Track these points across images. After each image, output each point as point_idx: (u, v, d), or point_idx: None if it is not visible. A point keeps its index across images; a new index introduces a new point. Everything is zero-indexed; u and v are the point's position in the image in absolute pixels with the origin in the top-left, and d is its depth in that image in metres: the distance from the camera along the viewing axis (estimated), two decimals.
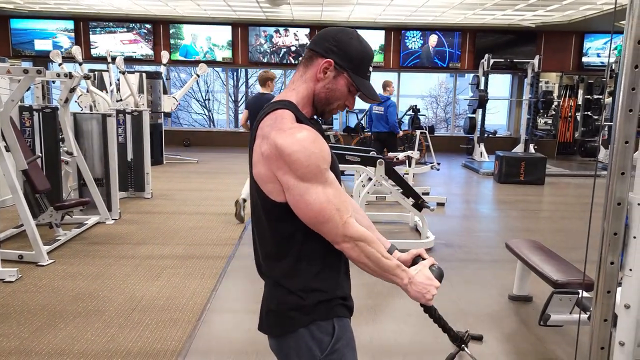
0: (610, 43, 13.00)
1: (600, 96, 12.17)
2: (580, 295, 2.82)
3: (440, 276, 1.52)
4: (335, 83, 1.45)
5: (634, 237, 1.72)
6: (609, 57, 12.66)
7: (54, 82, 8.69)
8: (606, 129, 11.89)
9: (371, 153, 5.85)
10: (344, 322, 1.52)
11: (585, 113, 12.64)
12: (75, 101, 8.64)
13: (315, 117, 1.54)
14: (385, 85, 8.44)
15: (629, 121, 1.57)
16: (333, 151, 1.48)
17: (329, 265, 1.48)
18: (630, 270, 1.76)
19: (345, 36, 1.46)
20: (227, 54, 13.60)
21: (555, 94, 13.45)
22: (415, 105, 12.88)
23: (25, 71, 4.71)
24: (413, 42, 13.52)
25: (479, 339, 3.34)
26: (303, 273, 1.46)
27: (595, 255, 1.72)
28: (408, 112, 13.05)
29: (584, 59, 13.59)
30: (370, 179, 5.60)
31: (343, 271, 1.55)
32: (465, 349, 1.62)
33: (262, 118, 1.43)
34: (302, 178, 1.34)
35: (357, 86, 1.46)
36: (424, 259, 1.57)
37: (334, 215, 1.36)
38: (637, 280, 1.77)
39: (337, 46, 1.44)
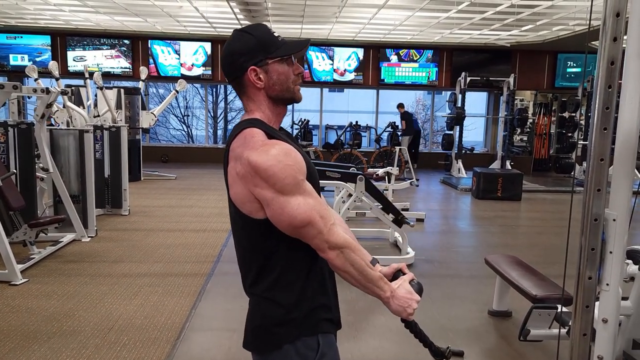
0: (585, 64, 13.35)
1: (574, 114, 12.48)
2: (560, 310, 2.85)
3: (420, 291, 1.52)
4: (273, 73, 1.46)
5: (610, 252, 1.75)
6: (583, 77, 13.01)
7: (29, 97, 8.56)
8: (579, 146, 12.20)
9: (351, 169, 5.88)
10: (329, 337, 1.52)
11: (559, 130, 12.94)
12: (51, 116, 8.51)
13: (283, 127, 1.56)
14: None
15: (604, 139, 1.62)
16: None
17: (313, 279, 1.48)
18: (608, 284, 1.79)
19: (235, 43, 1.47)
20: (207, 70, 13.60)
21: (530, 112, 13.75)
22: (394, 122, 13.02)
23: (1, 86, 4.63)
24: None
25: (460, 354, 3.37)
26: (287, 288, 1.46)
27: (573, 270, 1.74)
28: (387, 129, 13.19)
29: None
30: (350, 195, 5.62)
31: (329, 286, 1.54)
32: None
33: (232, 140, 1.43)
34: (281, 191, 1.34)
35: (284, 56, 1.47)
36: (404, 274, 1.57)
37: (318, 222, 1.36)
38: (614, 294, 1.81)
39: (240, 54, 1.45)
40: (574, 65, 13.86)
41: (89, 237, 6.01)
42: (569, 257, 1.78)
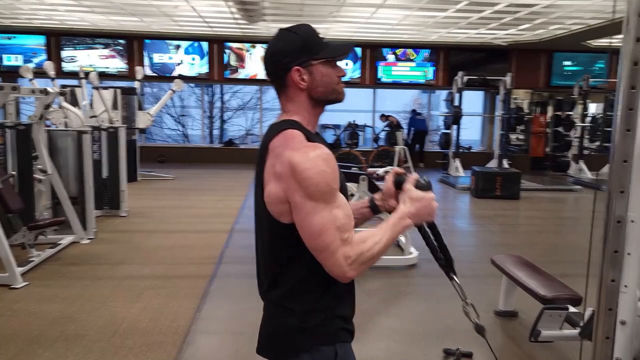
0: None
1: (570, 112, 12.52)
2: (583, 311, 2.83)
3: (429, 186, 1.48)
4: (317, 74, 1.43)
5: (629, 254, 1.74)
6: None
7: (24, 98, 8.47)
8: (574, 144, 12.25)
9: (352, 169, 5.86)
10: (346, 347, 1.50)
11: (555, 129, 12.99)
12: (48, 118, 8.43)
13: (318, 132, 1.54)
14: None
15: (627, 140, 1.60)
16: None
17: (332, 287, 1.45)
18: (626, 286, 1.77)
19: (279, 42, 1.45)
20: (203, 69, 13.54)
21: (526, 111, 13.78)
22: (392, 121, 13.02)
23: (0, 87, 4.58)
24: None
25: (469, 356, 3.35)
26: (306, 295, 1.43)
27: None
28: (385, 128, 13.18)
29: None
30: (352, 195, 5.59)
31: (347, 294, 1.52)
32: (454, 277, 1.58)
33: (271, 139, 1.41)
34: (310, 196, 1.32)
35: (329, 58, 1.45)
36: (404, 176, 1.53)
37: (335, 240, 1.32)
38: (632, 296, 1.79)
39: (284, 54, 1.42)
40: (571, 63, 13.90)
41: (88, 239, 5.95)
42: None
